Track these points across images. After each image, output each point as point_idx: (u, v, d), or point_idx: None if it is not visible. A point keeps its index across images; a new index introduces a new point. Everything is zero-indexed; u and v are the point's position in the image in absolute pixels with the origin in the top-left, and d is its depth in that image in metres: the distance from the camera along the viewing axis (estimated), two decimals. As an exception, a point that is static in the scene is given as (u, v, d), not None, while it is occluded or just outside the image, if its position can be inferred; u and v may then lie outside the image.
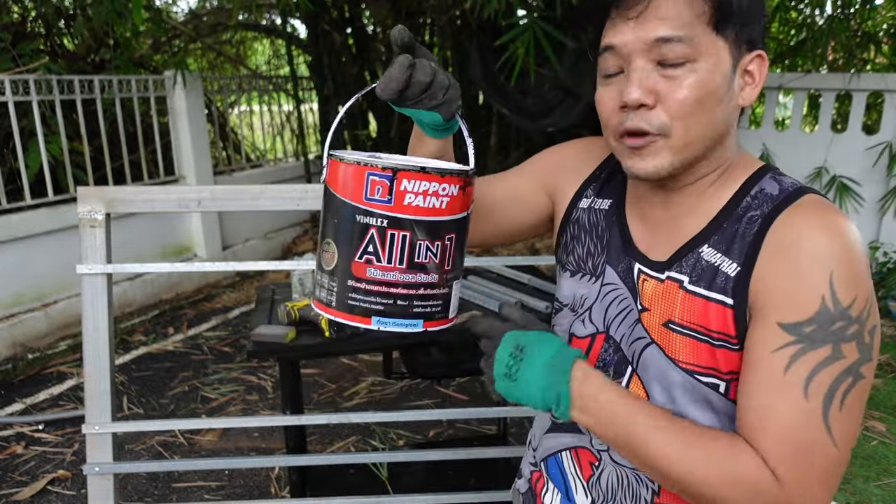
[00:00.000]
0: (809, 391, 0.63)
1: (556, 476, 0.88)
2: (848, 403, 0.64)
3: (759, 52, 0.71)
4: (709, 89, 0.67)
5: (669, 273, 0.75)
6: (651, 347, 0.75)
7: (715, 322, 0.70)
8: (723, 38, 0.68)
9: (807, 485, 0.63)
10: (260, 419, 1.73)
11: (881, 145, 4.42)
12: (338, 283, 0.67)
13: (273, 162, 6.07)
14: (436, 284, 0.68)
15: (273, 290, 2.20)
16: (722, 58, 0.68)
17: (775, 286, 0.66)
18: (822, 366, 0.63)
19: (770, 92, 4.94)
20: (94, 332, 1.56)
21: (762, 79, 0.72)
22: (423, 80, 0.70)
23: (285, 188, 1.61)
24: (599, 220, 0.85)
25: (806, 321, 0.64)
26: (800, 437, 0.63)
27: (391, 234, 0.64)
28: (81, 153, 4.07)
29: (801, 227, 0.67)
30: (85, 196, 1.54)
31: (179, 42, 5.60)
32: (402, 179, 0.63)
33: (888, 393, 3.08)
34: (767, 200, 0.71)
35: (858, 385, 0.64)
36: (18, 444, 2.75)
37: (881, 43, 5.38)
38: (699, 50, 0.66)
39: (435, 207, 0.65)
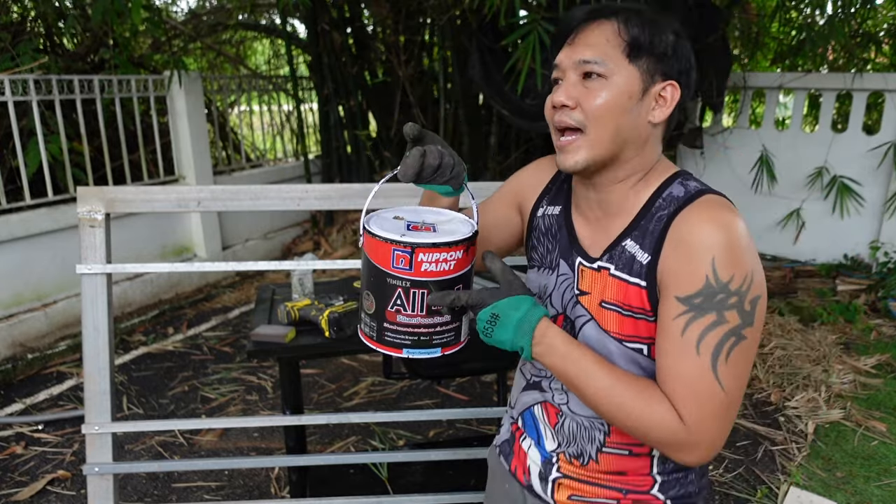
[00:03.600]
0: (700, 349, 0.82)
1: (530, 426, 1.09)
2: (732, 358, 0.83)
3: (672, 82, 0.90)
4: (616, 101, 0.87)
5: (601, 263, 0.94)
6: (591, 323, 0.95)
7: (634, 300, 0.90)
8: (635, 66, 0.88)
9: (703, 421, 0.83)
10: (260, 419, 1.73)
11: (883, 146, 4.42)
12: (376, 323, 0.89)
13: (273, 162, 6.07)
14: (448, 322, 0.90)
15: (273, 290, 2.20)
16: (630, 80, 0.88)
17: (673, 269, 0.85)
18: (709, 329, 0.82)
19: (770, 92, 4.95)
20: (93, 332, 1.56)
21: (673, 102, 0.91)
22: (433, 163, 0.92)
23: (285, 188, 1.61)
24: (552, 223, 1.05)
25: (695, 294, 0.83)
26: (696, 386, 0.83)
27: (413, 292, 0.86)
28: (81, 153, 4.07)
29: (692, 222, 0.85)
30: (85, 196, 1.53)
31: (179, 42, 5.60)
32: (419, 253, 0.83)
33: (888, 393, 3.08)
34: (673, 202, 0.90)
35: (741, 343, 0.83)
36: (18, 445, 2.74)
37: (881, 43, 5.38)
38: (612, 71, 0.87)
39: (445, 270, 0.85)
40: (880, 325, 3.82)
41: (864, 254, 4.63)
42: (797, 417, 2.89)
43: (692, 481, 1.00)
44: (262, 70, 7.24)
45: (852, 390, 3.10)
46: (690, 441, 0.83)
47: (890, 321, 3.89)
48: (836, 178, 4.61)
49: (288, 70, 5.73)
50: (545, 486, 1.05)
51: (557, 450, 1.03)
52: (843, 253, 4.70)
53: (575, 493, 1.02)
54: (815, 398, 3.01)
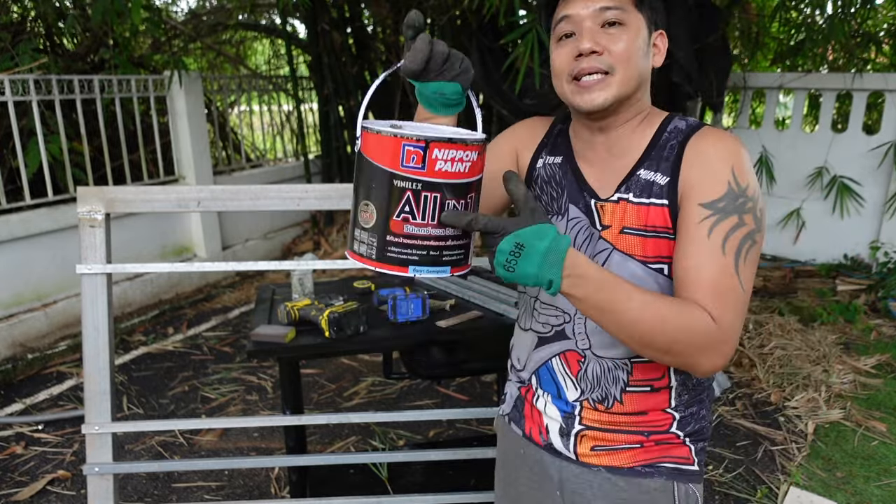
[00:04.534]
0: (726, 249, 0.89)
1: (548, 381, 1.09)
2: (749, 259, 0.90)
3: (661, 31, 1.01)
4: (637, 45, 0.95)
5: (619, 195, 0.99)
6: (613, 252, 0.99)
7: (657, 219, 0.96)
8: (641, 13, 0.96)
9: (729, 317, 0.88)
10: (260, 419, 1.73)
11: (883, 146, 4.42)
12: (377, 238, 0.78)
13: (273, 162, 6.07)
14: (460, 236, 0.81)
15: (273, 290, 2.20)
16: (641, 27, 0.96)
17: (695, 181, 0.93)
18: (732, 230, 0.89)
19: (770, 92, 4.95)
20: (93, 332, 1.56)
21: (664, 50, 1.01)
22: (443, 49, 0.88)
23: (285, 188, 1.61)
24: (555, 171, 1.08)
25: (719, 198, 0.90)
26: (721, 283, 0.88)
27: (424, 196, 0.76)
28: (81, 153, 4.07)
29: (709, 140, 0.95)
30: (85, 196, 1.53)
31: (179, 42, 5.60)
32: (433, 149, 0.75)
33: (888, 393, 3.08)
34: (680, 133, 0.98)
35: (754, 247, 0.91)
36: (18, 445, 2.74)
37: (881, 43, 5.38)
38: (629, 18, 0.94)
39: (460, 171, 0.78)
40: (880, 325, 3.82)
41: (864, 254, 4.63)
42: (797, 417, 2.89)
43: (703, 416, 1.06)
44: (262, 70, 7.24)
45: (852, 390, 3.10)
46: (721, 339, 0.87)
47: (890, 321, 3.89)
48: (836, 178, 4.61)
49: (288, 70, 5.74)
50: (567, 442, 1.06)
51: (581, 398, 1.05)
52: (843, 253, 4.70)
53: (598, 444, 1.04)
54: (815, 398, 3.01)
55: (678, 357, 0.88)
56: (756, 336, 3.63)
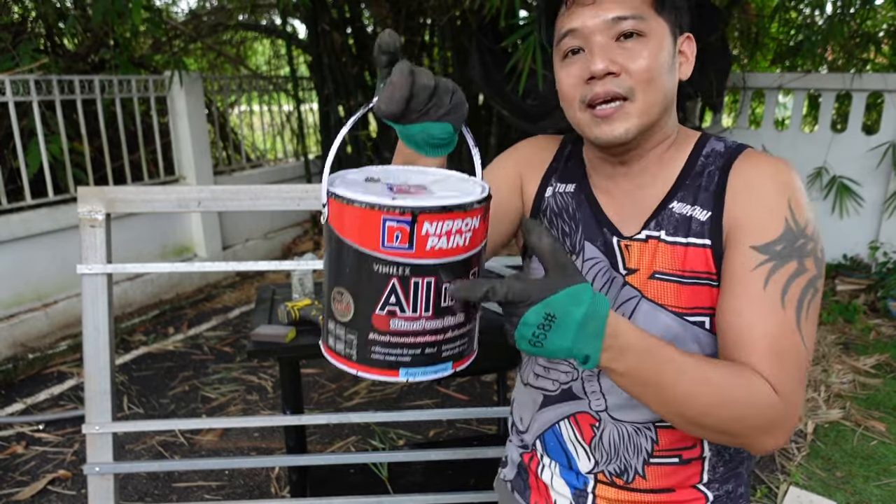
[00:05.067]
0: (785, 302, 0.74)
1: (555, 449, 0.93)
2: (811, 312, 0.75)
3: (688, 35, 0.83)
4: (660, 60, 0.78)
5: (648, 232, 0.83)
6: (642, 302, 0.83)
7: (694, 263, 0.80)
8: (664, 19, 0.79)
9: (792, 385, 0.73)
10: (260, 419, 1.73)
11: (882, 146, 4.43)
12: (357, 336, 0.61)
13: (273, 162, 6.07)
14: (462, 324, 0.63)
15: (273, 290, 2.20)
16: (665, 36, 0.79)
17: (745, 217, 0.77)
18: (792, 278, 0.74)
19: (770, 92, 4.95)
20: (94, 332, 1.56)
21: (692, 56, 0.84)
22: (428, 83, 0.65)
23: (285, 188, 1.61)
24: (568, 202, 0.92)
25: (775, 240, 0.75)
26: (781, 345, 0.73)
27: (415, 283, 0.58)
28: (81, 153, 4.07)
29: (756, 168, 0.79)
30: (85, 196, 1.54)
31: (179, 42, 5.60)
32: (423, 223, 0.56)
33: (888, 393, 3.09)
34: (719, 157, 0.83)
35: (816, 296, 0.76)
36: (19, 444, 2.75)
37: (881, 43, 5.38)
38: (649, 27, 0.78)
39: (459, 246, 0.59)
40: (879, 325, 3.82)
41: (863, 254, 4.63)
42: (797, 417, 2.90)
43: (742, 494, 0.90)
44: (263, 70, 7.24)
45: (852, 390, 3.11)
46: (785, 413, 0.72)
47: (889, 321, 3.89)
48: (835, 178, 4.61)
49: (288, 70, 5.74)
50: None
51: (595, 469, 0.89)
52: (843, 253, 4.70)
53: None
54: (815, 398, 3.01)
55: (736, 438, 0.73)
56: (756, 336, 3.64)
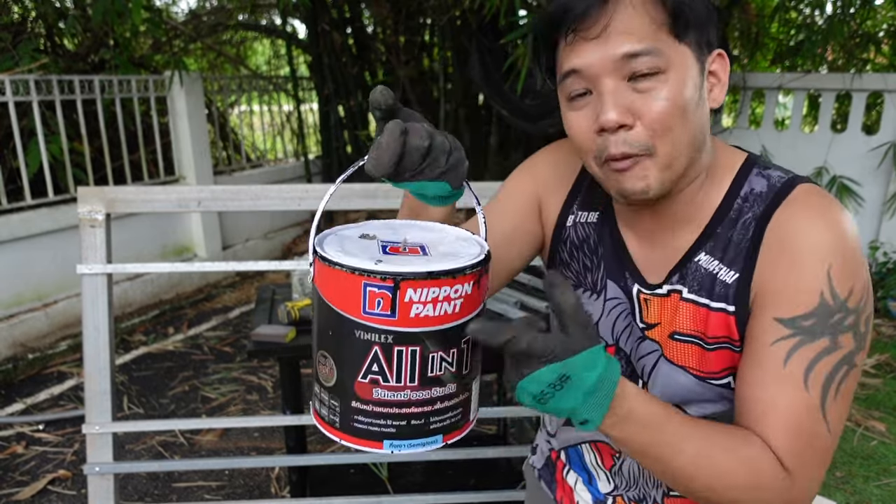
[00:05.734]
0: (809, 383, 0.65)
1: (578, 465, 0.91)
2: (842, 392, 0.65)
3: (719, 51, 0.70)
4: (684, 98, 0.66)
5: (669, 286, 0.75)
6: (661, 360, 0.76)
7: (716, 328, 0.71)
8: (685, 44, 0.66)
9: (809, 471, 0.65)
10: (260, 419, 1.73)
11: (882, 146, 4.43)
12: (340, 403, 0.57)
13: (273, 162, 6.07)
14: (454, 394, 0.58)
15: (273, 290, 2.20)
16: (689, 65, 0.67)
17: (775, 283, 0.67)
18: (820, 357, 0.65)
19: (770, 92, 4.95)
20: (94, 332, 1.56)
21: (726, 77, 0.71)
22: (421, 144, 0.59)
23: (285, 188, 1.61)
24: (590, 233, 0.82)
25: (804, 315, 0.65)
26: (802, 429, 0.65)
27: (398, 351, 0.54)
28: (81, 153, 4.07)
29: (797, 222, 0.67)
30: (85, 196, 1.54)
31: (179, 42, 5.60)
32: (406, 290, 0.52)
33: (888, 393, 3.09)
34: (759, 200, 0.71)
35: (852, 373, 0.66)
36: (19, 444, 2.75)
37: (881, 43, 5.38)
38: (668, 60, 0.65)
39: (447, 314, 0.55)
40: (880, 325, 3.82)
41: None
42: (797, 417, 2.90)
43: None
44: (263, 70, 7.24)
45: (852, 390, 3.11)
46: (792, 496, 0.65)
47: (889, 321, 3.89)
48: (835, 178, 4.61)
49: (288, 70, 5.74)
50: None
51: (615, 493, 0.87)
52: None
53: None
54: (815, 398, 3.01)
55: None
56: (756, 336, 3.64)
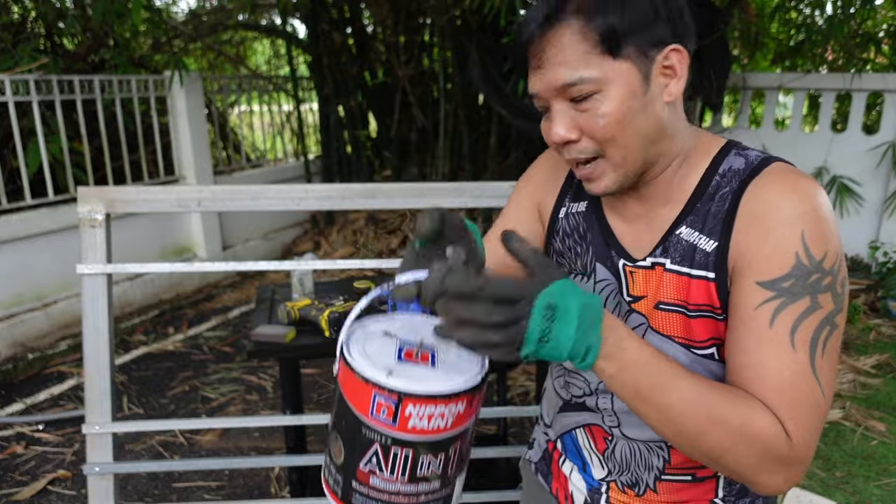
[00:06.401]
0: (795, 342, 0.67)
1: (573, 451, 0.94)
2: (828, 350, 0.68)
3: (674, 46, 0.73)
4: (623, 110, 0.71)
5: (653, 258, 0.79)
6: (649, 331, 0.80)
7: (700, 296, 0.75)
8: (622, 58, 0.70)
9: (806, 433, 0.67)
10: (260, 419, 1.73)
11: (882, 146, 4.43)
12: (343, 478, 0.68)
13: (273, 162, 6.07)
14: (437, 490, 0.68)
15: (273, 290, 2.20)
16: (627, 77, 0.71)
17: (752, 250, 0.71)
18: (804, 316, 0.68)
19: (770, 92, 4.95)
20: (94, 332, 1.56)
21: (684, 69, 0.75)
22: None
23: (285, 188, 1.61)
24: (579, 221, 0.89)
25: (783, 276, 0.68)
26: (795, 390, 0.67)
27: (394, 451, 0.65)
28: (81, 153, 4.07)
29: (770, 193, 0.71)
30: (85, 196, 1.54)
31: (179, 42, 5.60)
32: (407, 405, 0.62)
33: (888, 393, 3.09)
34: (736, 176, 0.75)
35: (835, 333, 0.69)
36: (18, 444, 2.75)
37: (881, 43, 5.38)
38: (603, 80, 0.70)
39: (439, 428, 0.65)
40: (880, 325, 3.82)
41: (863, 254, 4.63)
42: (797, 417, 2.90)
43: None
44: (263, 70, 7.24)
45: (852, 390, 3.11)
46: (791, 458, 0.67)
47: (889, 321, 3.89)
48: (835, 178, 4.61)
49: (288, 70, 5.74)
50: None
51: (607, 478, 0.89)
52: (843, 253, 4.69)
53: None
54: (815, 398, 3.01)
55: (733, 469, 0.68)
56: (756, 336, 3.64)
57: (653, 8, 0.71)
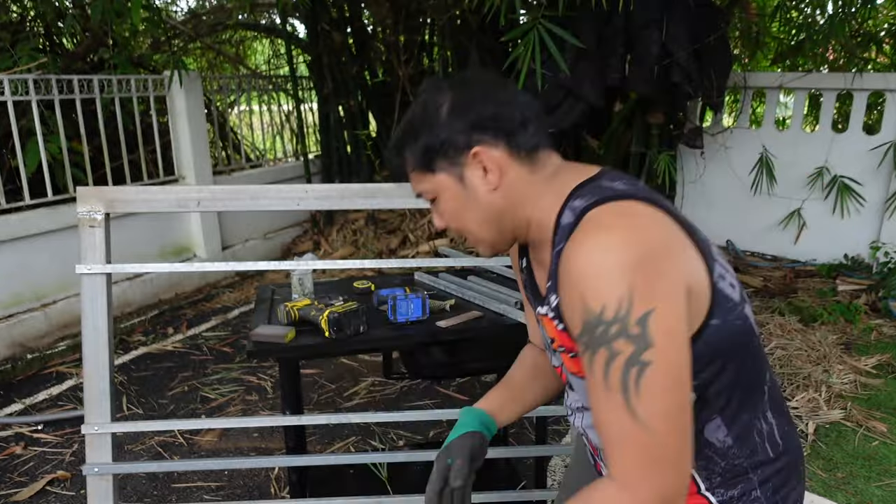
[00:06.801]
0: (609, 387, 0.74)
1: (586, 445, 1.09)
2: (645, 390, 0.71)
3: (475, 150, 0.88)
4: (454, 207, 0.92)
5: (540, 307, 0.93)
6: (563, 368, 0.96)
7: (567, 341, 0.88)
8: (439, 171, 0.91)
9: (634, 472, 0.72)
10: (260, 419, 1.72)
11: (883, 145, 4.42)
12: None
13: (273, 162, 6.07)
14: None
15: (273, 290, 2.19)
16: (447, 184, 0.91)
17: (564, 308, 0.82)
18: (608, 364, 0.74)
19: (771, 91, 4.95)
20: (93, 332, 1.56)
21: (492, 159, 0.88)
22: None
23: (285, 188, 1.61)
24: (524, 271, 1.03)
25: (581, 333, 0.77)
26: (612, 432, 0.74)
27: None
28: (80, 153, 4.06)
29: (569, 255, 0.78)
30: (84, 196, 1.53)
31: (179, 42, 5.60)
32: None
33: (888, 393, 3.08)
34: (565, 233, 0.83)
35: (648, 370, 0.72)
36: (17, 445, 2.74)
37: (882, 42, 5.38)
38: (433, 189, 0.93)
39: None
40: (881, 325, 3.82)
41: (864, 254, 4.63)
42: (797, 418, 2.89)
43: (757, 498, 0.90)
44: (262, 70, 7.23)
45: (853, 390, 3.10)
46: (635, 498, 0.72)
47: (890, 321, 3.88)
48: (836, 177, 4.61)
49: (288, 70, 5.73)
50: None
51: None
52: (844, 253, 4.69)
53: None
54: (816, 398, 3.01)
55: None
56: (756, 336, 3.63)
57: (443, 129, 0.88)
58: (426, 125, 0.90)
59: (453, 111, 0.89)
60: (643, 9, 4.01)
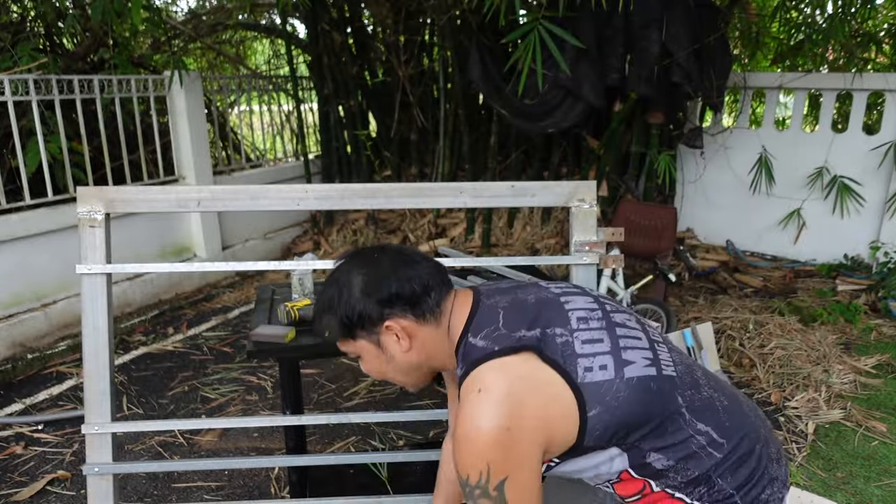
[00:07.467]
0: None
1: None
2: None
3: (386, 324, 1.08)
4: (375, 365, 1.15)
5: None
6: None
7: None
8: (359, 339, 1.11)
9: None
10: (260, 419, 1.72)
11: (883, 145, 4.42)
12: None
13: (273, 162, 6.07)
14: None
15: (273, 291, 2.19)
16: (367, 348, 1.12)
17: None
18: None
19: (770, 92, 4.95)
20: (93, 332, 1.56)
21: (402, 331, 1.08)
22: None
23: (285, 188, 1.61)
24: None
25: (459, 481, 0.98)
26: None
27: None
28: (81, 153, 4.06)
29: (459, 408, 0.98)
30: (84, 196, 1.53)
31: (179, 42, 5.60)
32: None
33: (889, 393, 3.08)
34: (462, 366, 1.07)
35: None
36: (18, 445, 2.74)
37: (882, 43, 5.38)
38: (356, 351, 1.14)
39: None
40: (880, 325, 3.82)
41: (864, 254, 4.63)
42: (797, 417, 2.89)
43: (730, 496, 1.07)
44: (262, 70, 7.23)
45: (852, 390, 3.10)
46: None
47: (890, 321, 3.89)
48: (836, 177, 4.61)
49: (288, 70, 5.73)
50: None
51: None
52: (844, 253, 4.69)
53: None
54: (816, 398, 3.01)
55: None
56: (756, 336, 3.63)
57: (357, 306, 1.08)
58: (342, 304, 1.08)
59: (364, 290, 1.07)
60: (643, 9, 4.01)
